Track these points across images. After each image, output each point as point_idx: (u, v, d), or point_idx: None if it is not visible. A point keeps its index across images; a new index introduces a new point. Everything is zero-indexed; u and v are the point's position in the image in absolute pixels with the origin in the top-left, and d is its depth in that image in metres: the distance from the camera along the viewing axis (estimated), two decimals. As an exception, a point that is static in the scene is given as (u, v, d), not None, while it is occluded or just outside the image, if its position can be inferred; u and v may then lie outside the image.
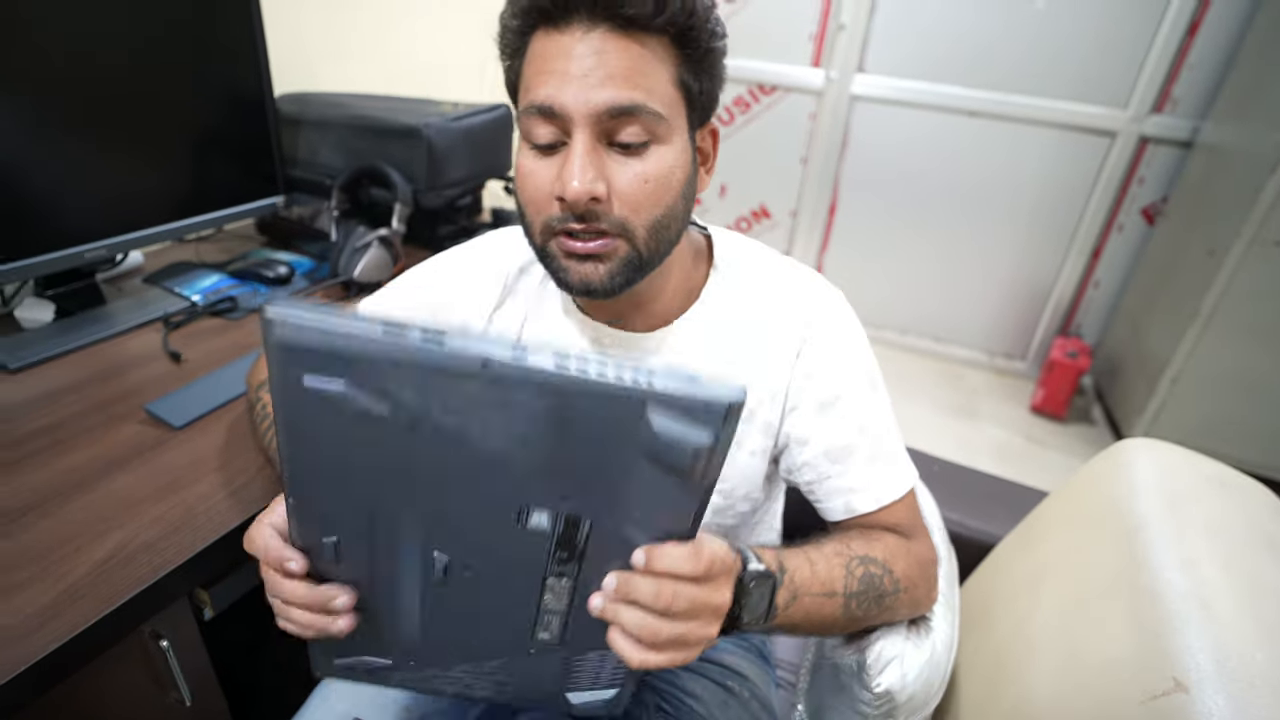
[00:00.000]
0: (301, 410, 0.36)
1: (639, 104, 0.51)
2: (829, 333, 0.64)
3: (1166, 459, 0.75)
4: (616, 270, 0.56)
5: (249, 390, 0.78)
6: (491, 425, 0.36)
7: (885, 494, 0.64)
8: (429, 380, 0.34)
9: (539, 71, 0.53)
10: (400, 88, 1.60)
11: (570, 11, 0.50)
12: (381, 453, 0.38)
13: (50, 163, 0.90)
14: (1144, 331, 2.22)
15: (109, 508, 0.68)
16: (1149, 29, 2.15)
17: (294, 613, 0.46)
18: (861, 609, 0.60)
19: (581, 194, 0.51)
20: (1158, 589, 0.59)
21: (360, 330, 0.32)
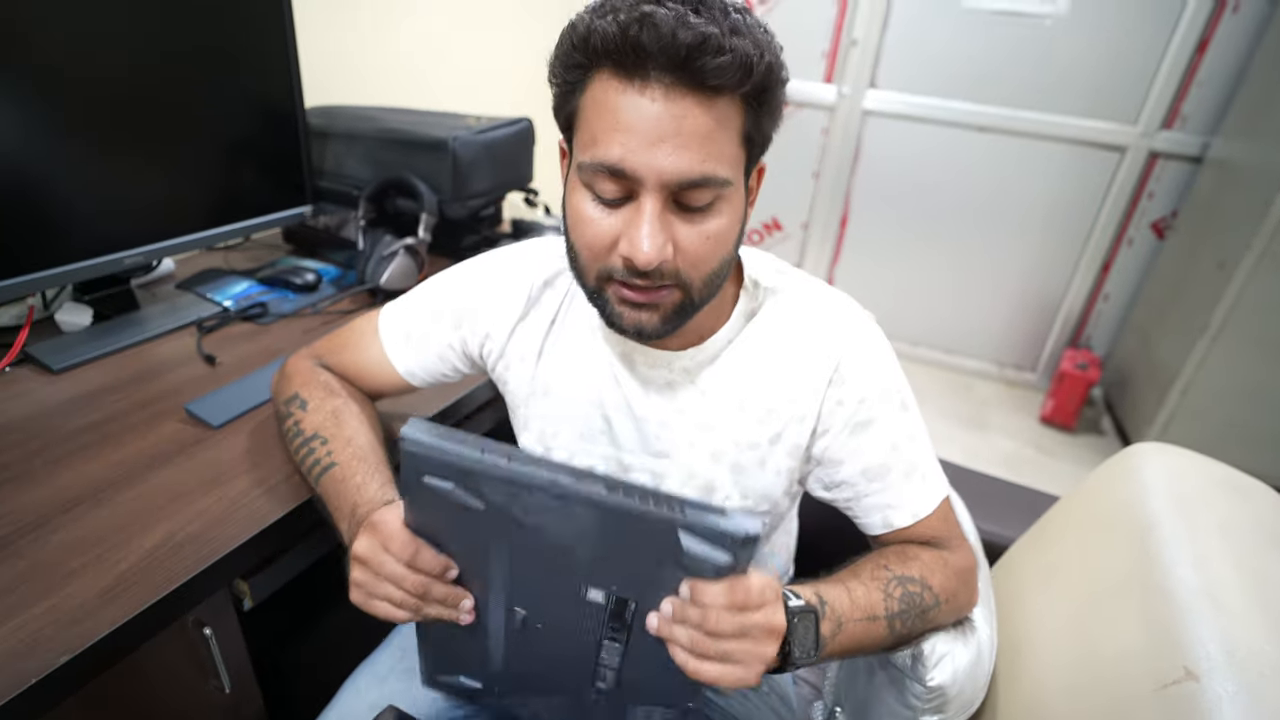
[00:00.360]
0: (420, 496, 0.49)
1: (711, 176, 0.51)
2: (861, 358, 0.65)
3: (1177, 462, 0.77)
4: (669, 316, 0.57)
5: (276, 402, 0.78)
6: (558, 525, 0.47)
7: (921, 508, 0.67)
8: (513, 490, 0.46)
9: (608, 127, 0.51)
10: (424, 101, 1.64)
11: (647, 69, 0.49)
12: (477, 533, 0.51)
13: (89, 173, 0.94)
14: (1154, 344, 2.24)
15: (156, 500, 0.71)
16: (1159, 46, 2.18)
17: (430, 608, 0.54)
18: (906, 626, 0.63)
19: (653, 260, 0.52)
20: (1169, 585, 0.61)
21: (466, 452, 0.45)
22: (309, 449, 0.70)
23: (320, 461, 0.68)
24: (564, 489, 0.45)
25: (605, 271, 0.56)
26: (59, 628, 0.56)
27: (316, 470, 0.68)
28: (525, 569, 0.53)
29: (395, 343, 0.76)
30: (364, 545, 0.54)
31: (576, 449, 0.72)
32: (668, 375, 0.67)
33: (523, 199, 1.49)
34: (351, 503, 0.63)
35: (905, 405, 0.68)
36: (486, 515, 0.49)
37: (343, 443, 0.69)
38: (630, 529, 0.46)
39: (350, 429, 0.71)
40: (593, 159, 0.52)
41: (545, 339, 0.71)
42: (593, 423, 0.71)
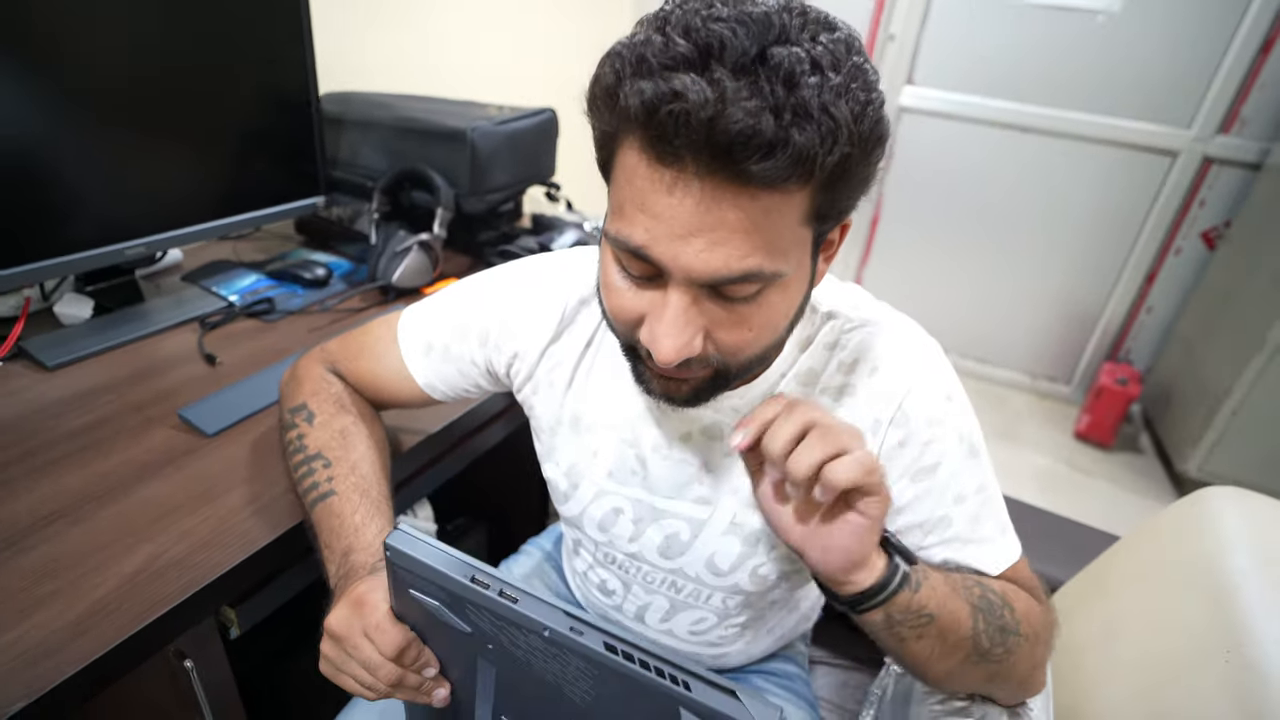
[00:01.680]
0: (407, 602, 0.47)
1: (754, 271, 0.43)
2: (927, 395, 0.56)
3: (1260, 511, 0.69)
4: (703, 391, 0.51)
5: (281, 408, 0.73)
6: (548, 666, 0.44)
7: (988, 567, 0.58)
8: (501, 624, 0.43)
9: (635, 205, 0.43)
10: (445, 89, 1.59)
11: (682, 152, 0.39)
12: (463, 651, 0.48)
13: (93, 159, 0.89)
14: (1201, 360, 2.13)
15: (139, 518, 0.66)
16: (1219, 46, 2.06)
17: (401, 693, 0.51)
18: (988, 633, 0.53)
19: (674, 360, 0.45)
20: (1260, 661, 0.54)
21: (453, 573, 0.42)
22: (309, 469, 0.65)
23: (319, 485, 0.63)
24: (558, 638, 0.41)
25: (631, 341, 0.50)
26: (19, 666, 0.51)
27: (314, 495, 0.63)
28: (513, 689, 0.49)
29: (415, 354, 0.69)
30: (341, 622, 0.50)
31: (605, 488, 0.65)
32: (714, 415, 0.60)
33: (544, 194, 1.42)
34: (346, 545, 0.58)
35: (975, 451, 0.58)
36: (473, 638, 0.46)
37: (347, 469, 0.64)
38: (628, 691, 0.41)
39: (357, 454, 0.66)
40: (616, 235, 0.45)
41: (578, 365, 0.64)
42: (625, 462, 0.64)
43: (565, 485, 0.68)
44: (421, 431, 0.82)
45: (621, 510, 0.65)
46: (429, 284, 1.18)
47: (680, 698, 0.39)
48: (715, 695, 0.39)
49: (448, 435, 0.85)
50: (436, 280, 1.20)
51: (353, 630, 0.49)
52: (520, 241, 1.34)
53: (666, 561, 0.65)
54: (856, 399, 0.57)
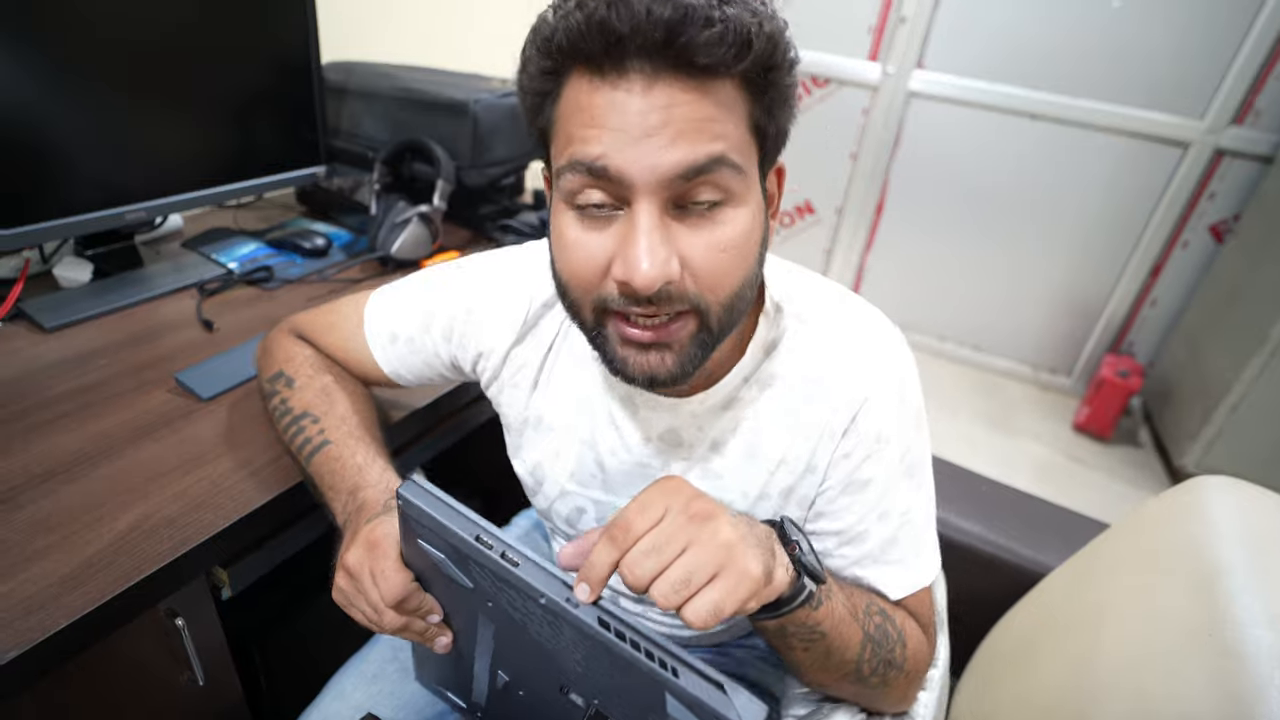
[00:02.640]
0: (415, 550, 0.47)
1: (719, 155, 0.42)
2: (879, 408, 0.56)
3: (1249, 499, 0.69)
4: (686, 357, 0.48)
5: (260, 379, 0.73)
6: (544, 630, 0.44)
7: (891, 589, 0.59)
8: (501, 585, 0.43)
9: (585, 124, 0.43)
10: (449, 61, 1.57)
11: (623, 59, 0.40)
12: (465, 601, 0.48)
13: (94, 123, 0.89)
14: (1203, 355, 2.12)
15: (133, 478, 0.66)
16: (1235, 35, 2.02)
17: (405, 634, 0.52)
18: (871, 663, 0.56)
19: (654, 279, 0.42)
20: (1243, 648, 0.54)
21: (460, 530, 0.42)
22: (298, 428, 0.65)
23: (311, 440, 0.64)
24: (554, 607, 0.41)
25: (601, 301, 0.47)
26: (13, 616, 0.52)
27: (308, 450, 0.63)
28: (509, 646, 0.50)
29: (380, 342, 0.69)
30: (355, 560, 0.51)
31: (567, 488, 0.65)
32: (673, 421, 0.59)
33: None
34: (352, 483, 0.59)
35: (911, 472, 0.59)
36: (475, 593, 0.46)
37: (336, 420, 0.64)
38: (617, 667, 0.41)
39: (343, 407, 0.66)
40: (570, 158, 0.44)
41: (540, 368, 0.63)
42: (585, 465, 0.63)
43: (531, 482, 0.68)
44: (408, 407, 0.82)
45: (584, 510, 0.66)
46: (428, 256, 1.18)
47: (666, 683, 0.39)
48: (702, 685, 0.39)
49: (435, 411, 0.85)
50: (436, 253, 1.20)
51: (363, 570, 0.50)
52: (521, 216, 1.34)
53: None
54: (815, 408, 0.57)
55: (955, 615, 0.93)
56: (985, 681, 0.81)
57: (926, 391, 0.62)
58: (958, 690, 0.85)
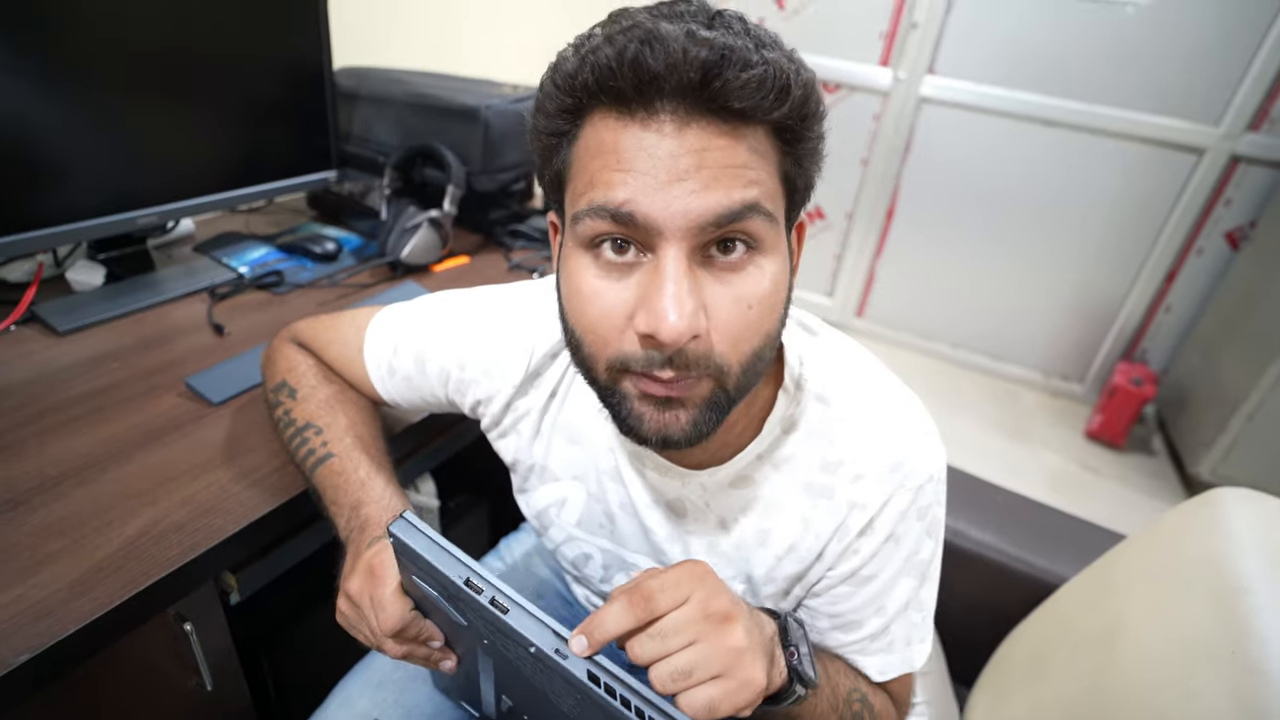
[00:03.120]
0: (412, 583, 0.47)
1: (753, 202, 0.40)
2: (896, 512, 0.53)
3: (1270, 512, 0.67)
4: (701, 418, 0.44)
5: (265, 387, 0.72)
6: (535, 676, 0.44)
7: (874, 674, 0.59)
8: (492, 629, 0.43)
9: (609, 167, 0.40)
10: (461, 67, 1.58)
11: (654, 99, 0.38)
12: (461, 635, 0.49)
13: (105, 128, 0.89)
14: (1218, 363, 2.09)
15: (143, 482, 0.66)
16: (1252, 40, 2.00)
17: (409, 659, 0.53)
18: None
19: (683, 334, 0.39)
20: (1267, 664, 0.53)
21: (449, 573, 0.42)
22: (302, 439, 0.65)
23: (315, 452, 0.63)
24: (543, 657, 0.40)
25: (619, 361, 0.43)
26: (23, 621, 0.52)
27: (311, 461, 0.63)
28: (509, 679, 0.49)
29: (379, 374, 0.67)
30: (356, 588, 0.51)
31: (574, 534, 0.65)
32: (681, 491, 0.57)
33: (556, 175, 1.41)
34: (354, 499, 0.59)
35: (915, 571, 0.57)
36: (470, 630, 0.46)
37: (339, 432, 0.64)
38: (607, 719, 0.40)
39: (347, 419, 0.66)
40: (591, 203, 0.41)
41: (543, 418, 0.61)
42: (593, 515, 0.62)
43: (537, 525, 0.68)
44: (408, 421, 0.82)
45: (591, 556, 0.66)
46: (438, 261, 1.18)
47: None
48: None
49: (438, 422, 0.85)
50: (446, 257, 1.20)
51: (364, 597, 0.50)
52: (531, 221, 1.34)
53: None
54: (834, 501, 0.54)
55: (968, 624, 0.92)
56: (999, 692, 0.80)
57: (940, 398, 0.61)
58: (971, 700, 0.84)
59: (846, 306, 2.91)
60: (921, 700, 0.72)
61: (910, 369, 2.71)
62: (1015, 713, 0.74)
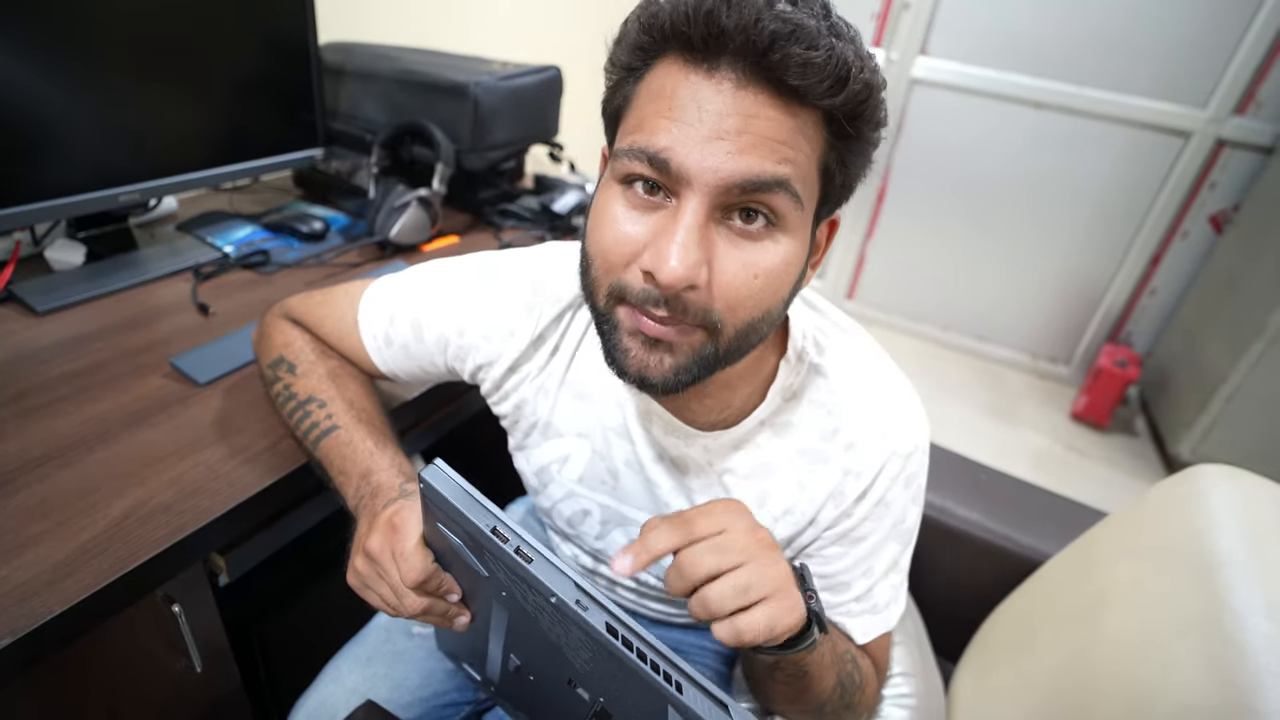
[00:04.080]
0: (435, 533, 0.48)
1: (783, 179, 0.41)
2: (888, 480, 0.57)
3: (1249, 489, 0.69)
4: (684, 366, 0.46)
5: (260, 365, 0.72)
6: (554, 627, 0.43)
7: (858, 636, 0.62)
8: (515, 578, 0.43)
9: (660, 113, 0.42)
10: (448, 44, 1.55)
11: (719, 54, 0.40)
12: (480, 586, 0.49)
13: (85, 103, 0.87)
14: (1200, 344, 2.12)
15: (129, 463, 0.65)
16: (1239, 24, 2.01)
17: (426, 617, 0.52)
18: (832, 703, 0.58)
19: (680, 279, 0.41)
20: (1241, 637, 0.54)
21: (477, 520, 0.42)
22: (304, 412, 0.64)
23: (319, 425, 0.63)
24: (563, 607, 0.40)
25: (619, 289, 0.45)
26: (7, 603, 0.51)
27: (315, 434, 0.63)
28: (522, 634, 0.50)
29: (375, 345, 0.67)
30: (376, 545, 0.51)
31: (574, 490, 0.65)
32: (685, 450, 0.59)
33: (547, 153, 1.40)
34: (364, 467, 0.59)
35: (901, 536, 0.61)
36: (490, 581, 0.46)
37: (344, 406, 0.64)
38: (622, 673, 0.41)
39: (350, 392, 0.66)
40: (633, 145, 0.43)
41: (549, 379, 0.62)
42: (596, 471, 0.63)
43: (535, 483, 0.68)
44: (404, 397, 0.81)
45: (589, 512, 0.66)
46: (427, 240, 1.17)
47: (670, 697, 0.39)
48: (705, 704, 0.39)
49: (434, 398, 0.84)
50: (435, 237, 1.19)
51: (385, 553, 0.50)
52: (521, 201, 1.33)
53: None
54: (829, 467, 0.57)
55: (954, 601, 0.93)
56: (985, 666, 0.81)
57: (929, 380, 0.63)
58: (957, 674, 0.85)
59: (837, 288, 2.92)
60: (901, 671, 0.73)
61: (900, 351, 2.73)
62: (1000, 684, 0.76)
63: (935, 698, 0.78)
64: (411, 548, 0.49)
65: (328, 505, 0.78)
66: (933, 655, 0.85)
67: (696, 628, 0.79)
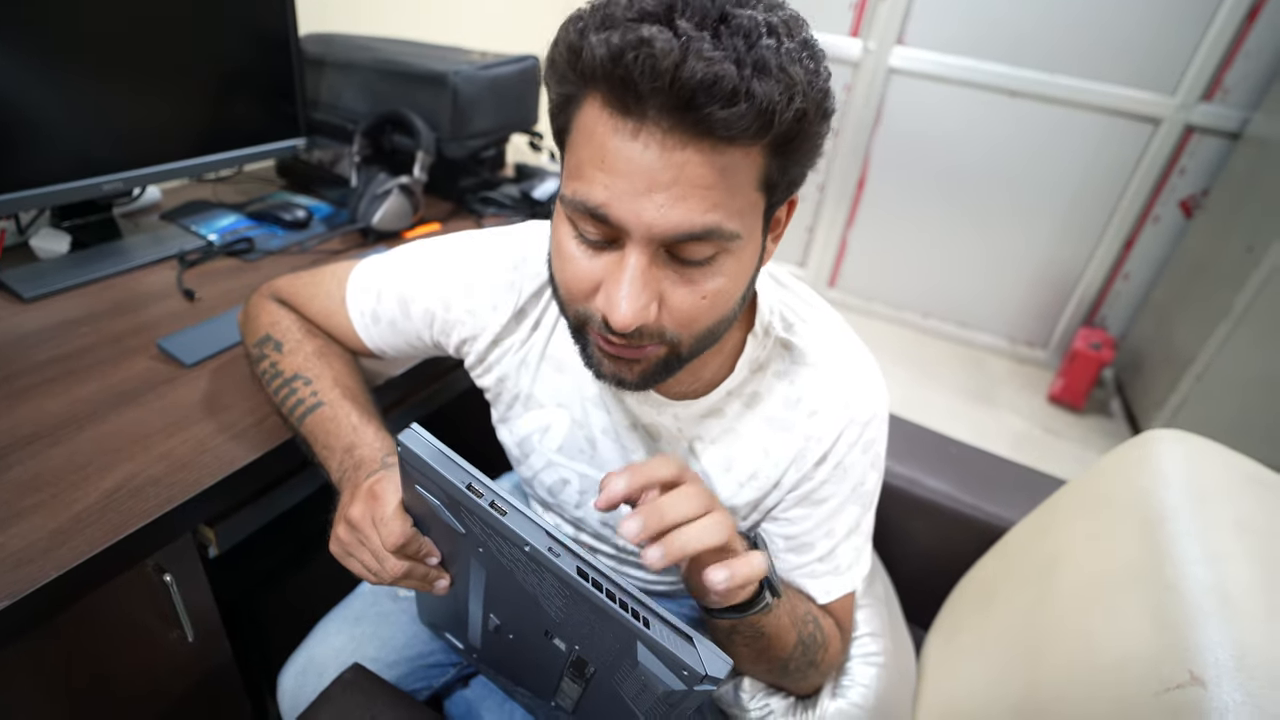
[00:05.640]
0: (414, 496, 0.50)
1: (714, 228, 0.43)
2: (848, 445, 0.60)
3: (1196, 452, 0.72)
4: (651, 373, 0.50)
5: (245, 345, 0.74)
6: (529, 577, 0.46)
7: (821, 595, 0.65)
8: (490, 532, 0.45)
9: (595, 164, 0.43)
10: (428, 35, 1.57)
11: (644, 109, 0.39)
12: (458, 546, 0.51)
13: (68, 92, 0.88)
14: (1171, 326, 2.17)
15: (119, 440, 0.67)
16: (1205, 12, 2.05)
17: (406, 582, 0.54)
18: (795, 661, 0.61)
19: (630, 324, 0.44)
20: (1180, 583, 0.58)
21: (453, 478, 0.44)
22: (290, 389, 0.66)
23: (304, 401, 0.65)
24: (537, 555, 0.43)
25: (582, 316, 0.49)
26: (2, 570, 0.53)
27: (300, 410, 0.65)
28: (499, 592, 0.52)
29: (364, 322, 0.69)
30: (357, 512, 0.53)
31: (554, 460, 0.68)
32: (656, 418, 0.62)
33: (527, 142, 1.42)
34: (347, 442, 0.61)
35: (861, 498, 0.63)
36: (468, 539, 0.48)
37: (329, 383, 0.66)
38: (594, 615, 0.44)
39: (335, 370, 0.68)
40: (573, 195, 0.44)
41: (530, 352, 0.65)
42: (575, 440, 0.66)
43: (518, 453, 0.71)
44: (387, 374, 0.84)
45: (569, 481, 0.69)
46: (409, 227, 1.18)
47: (638, 632, 0.41)
48: (671, 636, 0.41)
49: (417, 376, 0.87)
50: (417, 224, 1.21)
51: (365, 520, 0.52)
52: (502, 189, 1.35)
53: (606, 529, 0.70)
54: (792, 434, 0.61)
55: (926, 570, 0.97)
56: (953, 629, 0.85)
57: (910, 366, 0.67)
58: (928, 638, 0.89)
59: (819, 277, 2.95)
60: (869, 631, 0.76)
61: (882, 338, 2.77)
62: (966, 643, 0.79)
63: (904, 656, 0.81)
64: (391, 512, 0.51)
65: (314, 481, 0.80)
66: (902, 616, 0.89)
67: (673, 595, 0.82)
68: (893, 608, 0.86)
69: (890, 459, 1.00)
